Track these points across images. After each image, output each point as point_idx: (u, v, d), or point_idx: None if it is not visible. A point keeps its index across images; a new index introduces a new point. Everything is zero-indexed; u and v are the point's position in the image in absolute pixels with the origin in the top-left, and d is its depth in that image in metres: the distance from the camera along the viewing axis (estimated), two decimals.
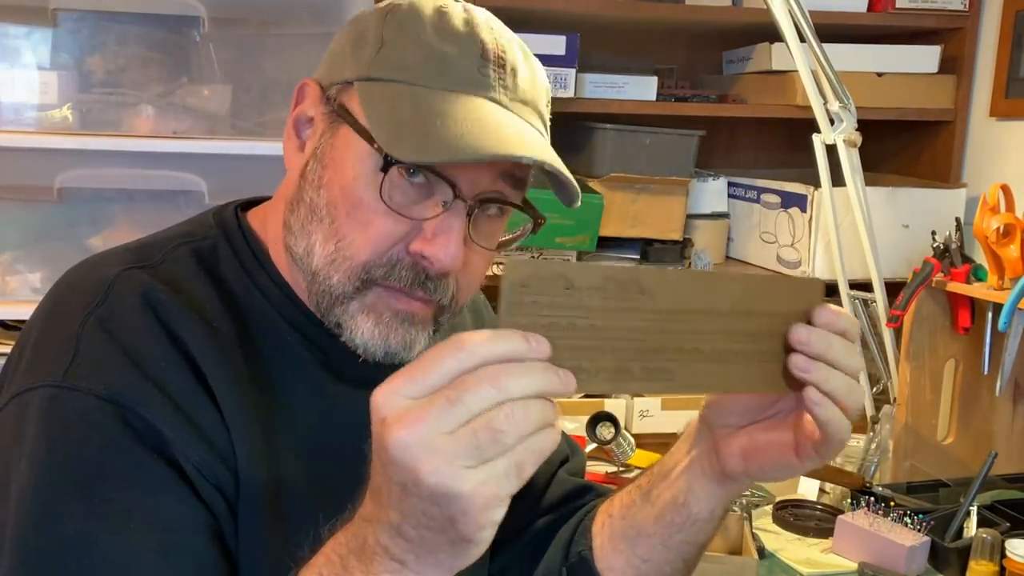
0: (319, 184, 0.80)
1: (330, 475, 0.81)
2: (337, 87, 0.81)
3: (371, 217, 0.77)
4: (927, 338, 1.72)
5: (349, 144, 0.79)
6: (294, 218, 0.81)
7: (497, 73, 0.81)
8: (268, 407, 0.80)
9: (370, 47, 0.79)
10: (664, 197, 2.03)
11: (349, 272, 0.78)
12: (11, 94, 1.79)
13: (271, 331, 0.83)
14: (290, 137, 0.84)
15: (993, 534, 1.37)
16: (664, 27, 2.21)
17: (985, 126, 2.08)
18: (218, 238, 0.86)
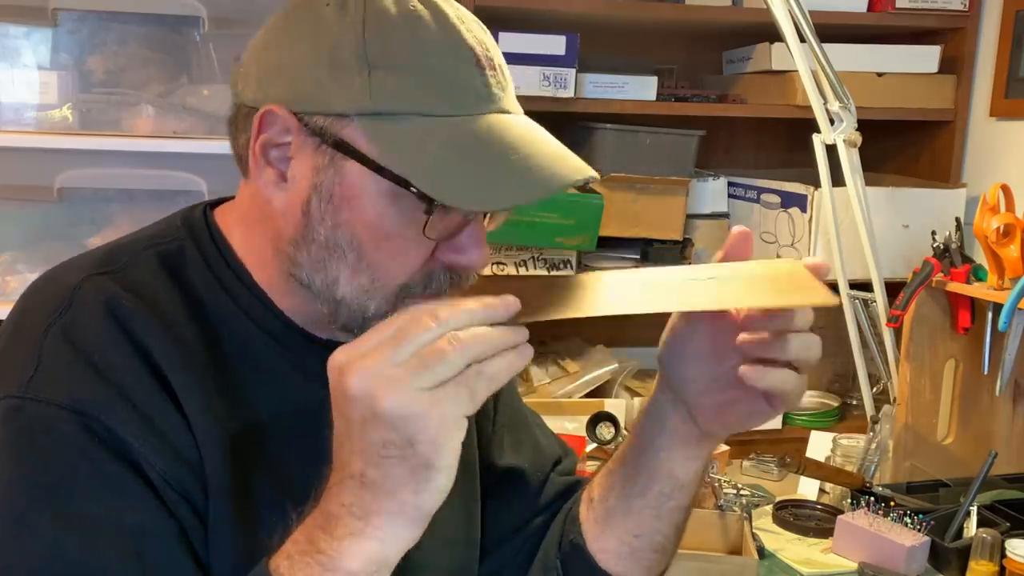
0: (335, 223, 0.77)
1: (303, 480, 0.79)
2: (325, 118, 0.76)
3: (404, 246, 0.78)
4: (927, 338, 1.72)
5: (362, 182, 0.76)
6: (302, 255, 0.79)
7: (495, 79, 0.80)
8: (236, 413, 0.79)
9: (355, 73, 0.74)
10: (664, 197, 2.03)
11: (386, 296, 0.79)
12: (11, 94, 1.79)
13: (238, 334, 0.82)
14: (260, 166, 0.78)
15: (993, 534, 1.37)
16: (664, 27, 2.21)
17: (985, 126, 2.08)
18: (185, 240, 0.84)
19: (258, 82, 0.79)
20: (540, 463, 1.05)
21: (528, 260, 1.94)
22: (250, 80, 0.79)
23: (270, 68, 0.78)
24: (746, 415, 0.81)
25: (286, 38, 0.78)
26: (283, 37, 0.79)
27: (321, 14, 0.77)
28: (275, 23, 0.80)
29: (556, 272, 1.96)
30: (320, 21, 0.77)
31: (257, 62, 0.80)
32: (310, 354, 0.82)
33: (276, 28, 0.80)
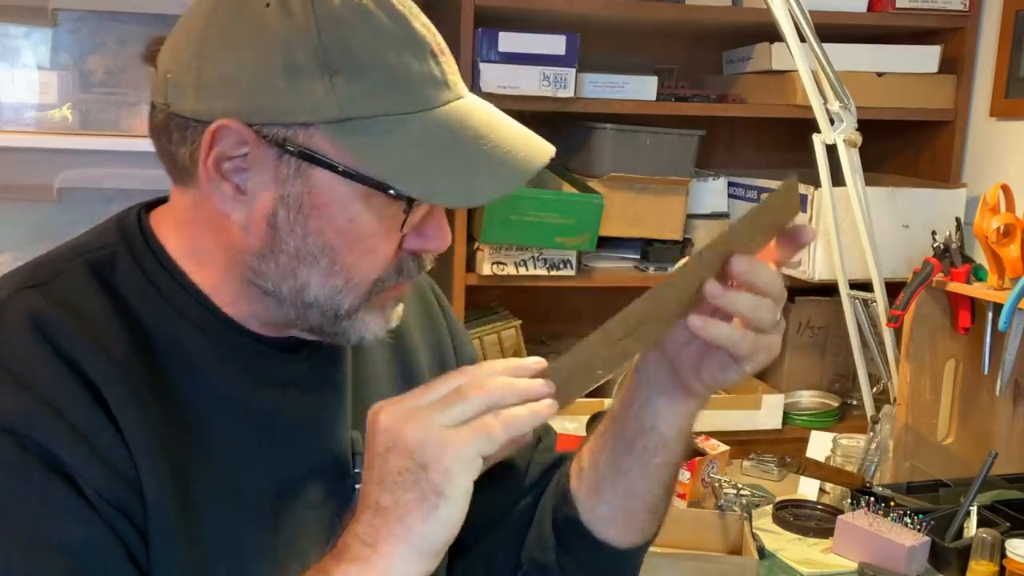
0: (305, 232, 0.76)
1: (254, 488, 0.80)
2: (286, 128, 0.73)
3: (376, 244, 0.77)
4: (927, 338, 1.72)
5: (333, 188, 0.74)
6: (269, 266, 0.77)
7: (448, 65, 0.78)
8: (175, 422, 0.77)
9: (315, 80, 0.72)
10: (664, 197, 2.02)
11: (361, 292, 0.79)
12: (11, 94, 1.79)
13: (176, 340, 0.79)
14: (214, 181, 0.75)
15: (993, 534, 1.37)
16: (664, 27, 2.21)
17: (985, 126, 2.08)
18: (117, 245, 0.81)
19: (197, 92, 0.74)
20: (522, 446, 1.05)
21: (528, 260, 1.94)
22: (185, 90, 0.75)
23: (212, 78, 0.74)
24: (718, 370, 0.82)
25: (223, 44, 0.74)
26: (219, 43, 0.74)
27: (261, 16, 0.73)
28: (198, 24, 0.76)
29: (555, 272, 1.96)
30: (262, 24, 0.73)
31: (189, 70, 0.75)
32: (257, 355, 0.81)
33: (204, 31, 0.75)
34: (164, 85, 0.76)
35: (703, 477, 1.63)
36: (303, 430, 0.83)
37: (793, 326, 2.22)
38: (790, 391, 2.19)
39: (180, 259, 0.81)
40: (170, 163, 0.79)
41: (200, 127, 0.74)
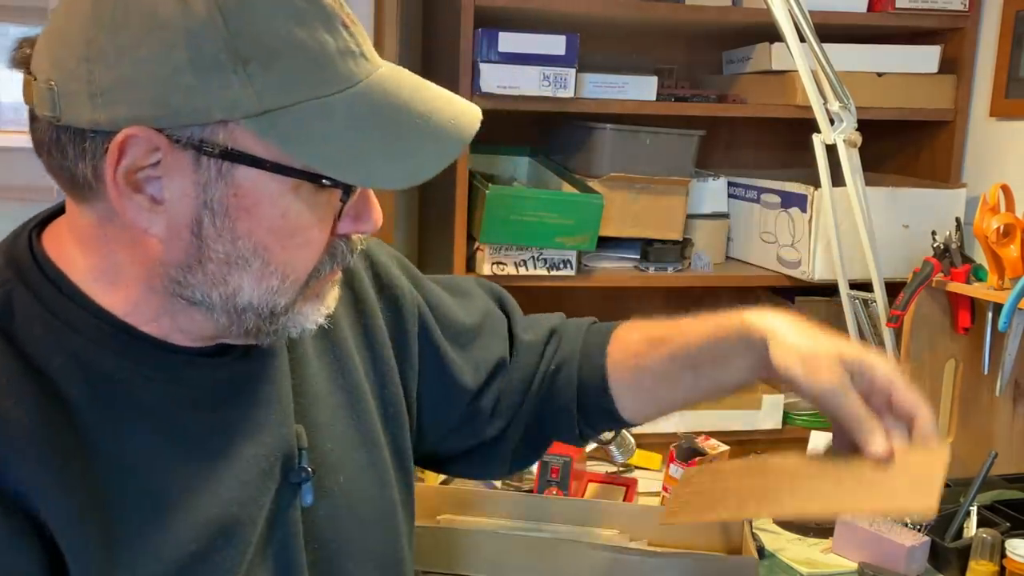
0: (234, 237, 0.71)
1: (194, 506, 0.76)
2: (202, 128, 0.68)
3: (309, 236, 0.74)
4: (927, 338, 1.72)
5: (260, 186, 0.70)
6: (195, 276, 0.72)
7: (360, 35, 0.73)
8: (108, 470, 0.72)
9: (228, 72, 0.66)
10: (664, 197, 2.02)
11: (296, 287, 0.75)
12: (11, 94, 1.79)
13: (98, 374, 0.73)
14: (126, 194, 0.69)
15: (993, 534, 1.37)
16: (664, 27, 2.21)
17: (985, 126, 2.08)
18: (11, 282, 0.74)
19: (92, 101, 0.67)
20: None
21: (528, 260, 1.94)
22: (76, 99, 0.68)
23: (108, 83, 0.67)
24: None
25: (115, 44, 0.67)
26: (110, 43, 0.67)
27: (153, 7, 0.66)
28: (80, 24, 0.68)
29: (555, 272, 1.96)
30: (157, 17, 0.66)
31: (77, 76, 0.68)
32: (186, 367, 0.78)
33: (88, 31, 0.67)
34: (48, 96, 0.69)
35: None
36: (245, 434, 0.81)
37: None
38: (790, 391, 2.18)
39: (86, 283, 0.75)
40: (66, 180, 0.72)
41: (100, 138, 0.68)
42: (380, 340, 0.97)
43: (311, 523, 0.86)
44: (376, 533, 0.94)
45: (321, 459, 0.88)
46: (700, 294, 2.46)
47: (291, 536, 0.84)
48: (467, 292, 1.11)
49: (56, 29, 0.71)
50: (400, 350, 0.99)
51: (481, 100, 1.82)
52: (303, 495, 0.84)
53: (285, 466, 0.84)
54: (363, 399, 0.94)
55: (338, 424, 0.91)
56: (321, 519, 0.87)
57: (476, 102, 0.77)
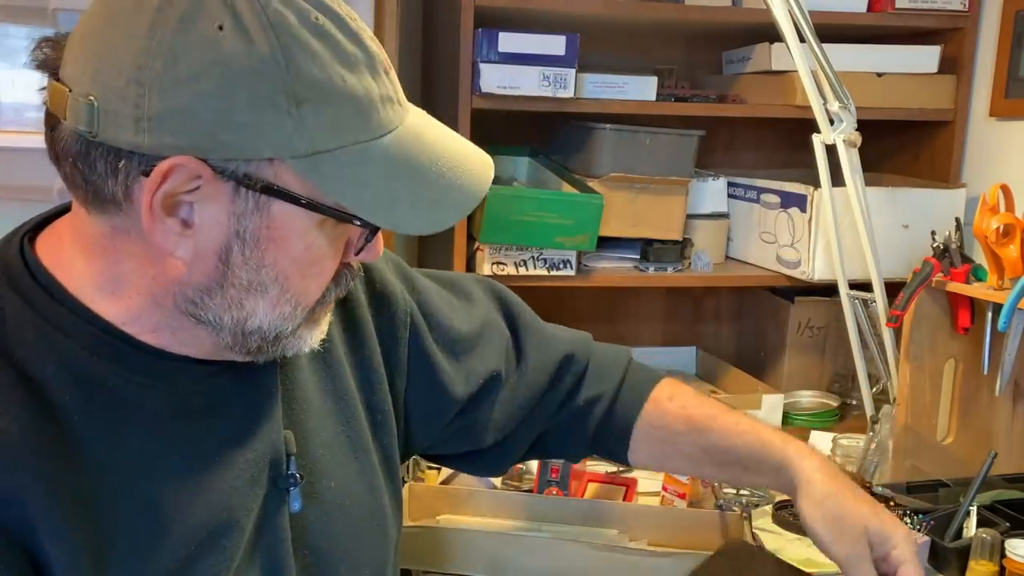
0: (259, 265, 0.73)
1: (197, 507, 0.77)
2: (247, 163, 0.69)
3: (326, 265, 0.77)
4: (927, 338, 1.72)
5: (293, 221, 0.72)
6: (214, 300, 0.74)
7: (396, 80, 0.76)
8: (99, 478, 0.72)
9: (283, 113, 0.67)
10: (664, 197, 2.02)
11: (304, 313, 0.78)
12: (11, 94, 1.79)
13: (90, 380, 0.73)
14: (158, 217, 0.70)
15: (993, 534, 1.37)
16: (664, 27, 2.21)
17: (985, 126, 2.08)
18: (3, 290, 0.74)
19: (138, 124, 0.67)
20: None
21: (528, 260, 1.94)
22: (120, 120, 0.67)
23: (159, 110, 0.67)
24: None
25: (173, 74, 0.66)
26: (167, 72, 0.66)
27: (216, 42, 0.66)
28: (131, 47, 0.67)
29: (555, 272, 1.96)
30: (220, 52, 0.66)
31: (125, 99, 0.67)
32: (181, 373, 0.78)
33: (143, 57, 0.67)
34: (87, 111, 0.68)
35: None
36: (235, 440, 0.81)
37: (792, 326, 2.22)
38: (790, 391, 2.19)
39: (84, 291, 0.75)
40: (87, 191, 0.72)
41: (137, 160, 0.68)
42: (369, 345, 0.97)
43: (301, 529, 0.86)
44: (367, 539, 0.94)
45: (311, 465, 0.88)
46: (700, 294, 2.47)
47: (279, 542, 0.84)
48: (468, 295, 1.10)
49: (99, 42, 0.70)
50: (388, 355, 0.99)
51: (481, 100, 1.82)
52: (291, 501, 0.85)
53: (273, 471, 0.84)
54: (352, 405, 0.94)
55: (328, 430, 0.91)
56: (311, 525, 0.87)
57: (476, 102, 0.78)
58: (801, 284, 2.02)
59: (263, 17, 0.67)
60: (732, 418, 1.07)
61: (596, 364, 1.12)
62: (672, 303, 2.44)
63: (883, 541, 0.99)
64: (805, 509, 1.00)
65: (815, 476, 1.00)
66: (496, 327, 1.09)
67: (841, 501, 0.99)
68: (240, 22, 0.67)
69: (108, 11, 0.71)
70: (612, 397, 1.10)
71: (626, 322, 2.39)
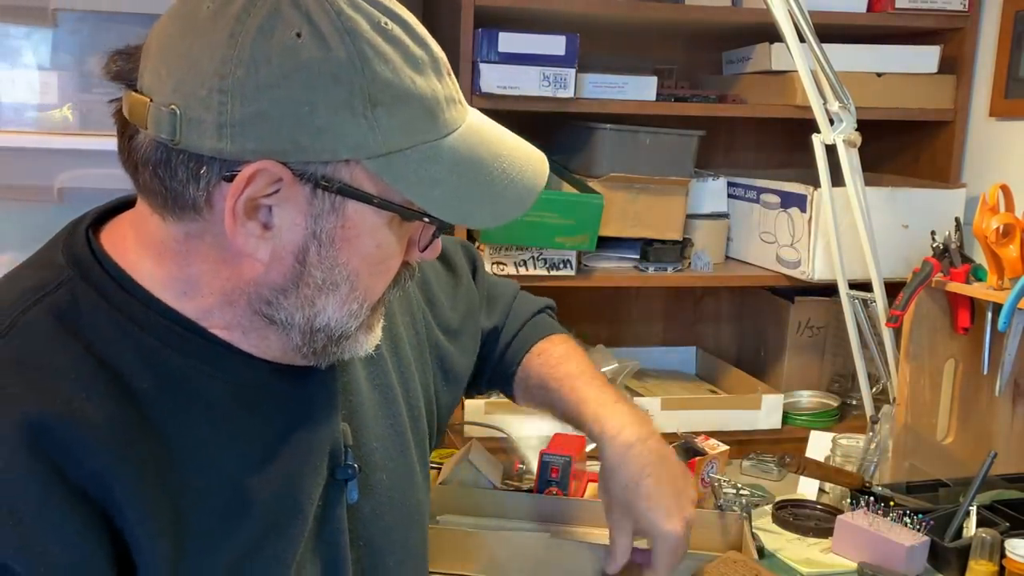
0: (333, 264, 0.75)
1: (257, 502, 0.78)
2: (325, 165, 0.71)
3: (393, 263, 0.80)
4: (927, 338, 1.72)
5: (365, 220, 0.74)
6: (290, 300, 0.76)
7: (455, 81, 0.79)
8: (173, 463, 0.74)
9: (359, 116, 0.70)
10: (664, 197, 2.03)
11: (368, 311, 0.80)
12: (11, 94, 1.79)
13: (162, 370, 0.75)
14: (240, 221, 0.72)
15: (993, 534, 1.37)
16: (664, 27, 2.21)
17: (985, 126, 2.08)
18: (74, 280, 0.75)
19: (220, 131, 0.69)
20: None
21: (528, 260, 1.94)
22: (203, 127, 0.69)
23: (241, 116, 0.69)
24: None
25: (255, 81, 0.69)
26: (249, 79, 0.69)
27: (295, 50, 0.69)
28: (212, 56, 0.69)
29: (555, 272, 1.96)
30: (299, 59, 0.69)
31: (209, 107, 0.69)
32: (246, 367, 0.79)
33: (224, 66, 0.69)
34: (169, 119, 0.70)
35: (703, 477, 1.63)
36: (298, 432, 0.83)
37: (793, 326, 2.22)
38: (789, 391, 2.19)
39: (157, 290, 0.76)
40: (165, 197, 0.74)
41: (218, 165, 0.70)
42: (401, 342, 1.01)
43: (356, 520, 0.89)
44: (412, 531, 0.97)
45: (366, 457, 0.90)
46: (700, 294, 2.47)
47: (339, 532, 0.86)
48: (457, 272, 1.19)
49: (178, 53, 0.71)
50: (415, 350, 1.04)
51: (481, 100, 1.82)
52: (349, 492, 0.87)
53: (332, 463, 0.86)
54: (395, 401, 0.97)
55: (379, 424, 0.94)
56: (365, 516, 0.90)
57: (476, 102, 0.79)
58: (801, 284, 2.02)
59: (338, 24, 0.70)
60: (570, 383, 1.17)
61: (511, 317, 1.25)
62: (672, 303, 2.44)
63: (644, 531, 1.10)
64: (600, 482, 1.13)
65: (614, 460, 1.11)
66: (474, 312, 1.19)
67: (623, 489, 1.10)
68: (317, 29, 0.69)
69: (184, 23, 0.72)
70: (506, 345, 1.23)
71: (626, 322, 2.39)
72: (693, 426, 1.85)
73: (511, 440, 1.70)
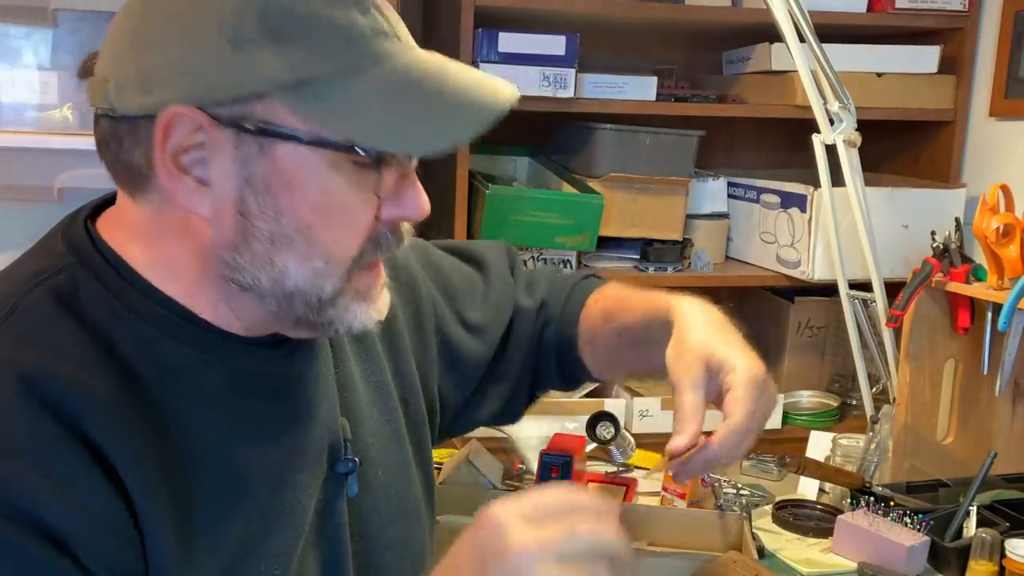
0: (277, 214, 0.72)
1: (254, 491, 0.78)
2: (240, 105, 0.70)
3: (353, 215, 0.75)
4: (927, 338, 1.72)
5: (299, 160, 0.72)
6: (244, 257, 0.74)
7: (390, 14, 0.76)
8: (173, 447, 0.74)
9: (263, 47, 0.69)
10: (664, 197, 2.03)
11: (341, 273, 0.76)
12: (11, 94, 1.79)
13: (160, 359, 0.75)
14: (175, 177, 0.72)
15: (993, 534, 1.37)
16: (664, 27, 2.21)
17: (985, 126, 2.08)
18: (74, 266, 0.76)
19: (142, 87, 0.71)
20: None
21: (528, 260, 1.94)
22: (129, 89, 0.71)
23: (155, 68, 0.71)
24: None
25: (163, 31, 0.71)
26: (158, 30, 0.71)
27: None
28: (132, 21, 0.73)
29: None
30: (201, 2, 0.71)
31: (129, 67, 0.71)
32: (242, 356, 0.79)
33: (139, 24, 0.72)
34: (103, 89, 0.73)
35: (703, 477, 1.63)
36: (296, 424, 0.83)
37: (793, 326, 2.22)
38: (790, 391, 2.19)
39: (148, 274, 0.76)
40: (123, 172, 0.75)
41: (147, 122, 0.71)
42: (401, 337, 1.00)
43: (355, 514, 0.89)
44: (410, 528, 0.97)
45: (363, 452, 0.90)
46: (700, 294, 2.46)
47: (339, 527, 0.86)
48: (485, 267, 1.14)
49: (112, 32, 0.75)
50: (417, 346, 1.02)
51: None
52: (349, 485, 0.87)
53: (332, 456, 0.86)
54: (391, 397, 0.97)
55: (374, 420, 0.94)
56: (364, 511, 0.90)
57: None
58: (801, 284, 2.02)
59: None
60: (637, 296, 1.08)
61: (551, 295, 1.16)
62: None
63: (719, 369, 0.93)
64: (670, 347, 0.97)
65: (690, 320, 0.98)
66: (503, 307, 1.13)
67: (697, 336, 0.95)
68: None
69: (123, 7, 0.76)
70: (559, 312, 1.13)
71: None
72: None
73: (511, 440, 1.70)
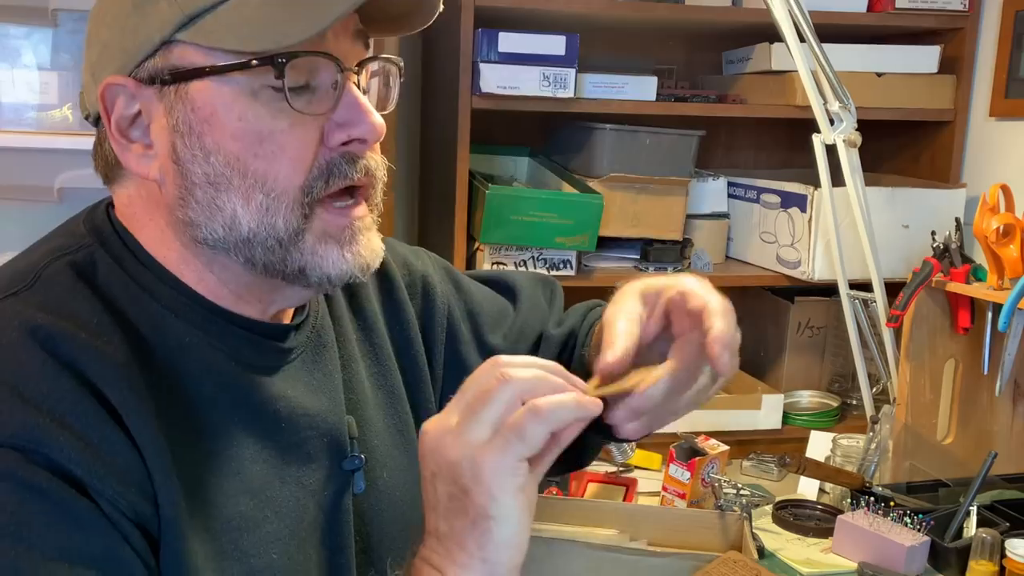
0: (204, 154, 0.74)
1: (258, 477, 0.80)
2: (151, 59, 0.74)
3: (282, 140, 0.74)
4: (927, 338, 1.72)
5: (211, 94, 0.73)
6: (193, 209, 0.75)
7: None
8: (179, 422, 0.75)
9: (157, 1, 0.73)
10: (664, 197, 2.03)
11: (290, 205, 0.75)
12: (11, 94, 1.79)
13: (170, 337, 0.77)
14: (123, 146, 0.76)
15: (993, 534, 1.37)
16: (664, 27, 2.21)
17: (985, 126, 2.08)
18: (94, 246, 0.79)
19: (94, 78, 0.77)
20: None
21: (528, 260, 1.94)
22: (89, 87, 0.79)
23: (97, 59, 0.78)
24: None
25: (97, 23, 0.78)
26: (96, 26, 0.79)
27: None
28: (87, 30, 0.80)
29: (555, 272, 1.96)
30: None
31: (86, 70, 0.80)
32: (249, 344, 0.81)
33: (89, 29, 0.80)
34: (82, 99, 0.80)
35: (703, 477, 1.63)
36: (300, 417, 0.84)
37: (793, 326, 2.22)
38: (790, 391, 2.19)
39: (158, 254, 0.79)
40: (103, 166, 0.81)
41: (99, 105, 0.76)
42: (415, 347, 1.01)
43: (360, 512, 0.89)
44: (412, 529, 0.96)
45: (368, 452, 0.91)
46: None
47: (344, 523, 0.87)
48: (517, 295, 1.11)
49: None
50: (430, 355, 1.03)
51: (481, 100, 1.82)
52: (356, 482, 0.87)
53: (337, 453, 0.86)
54: (401, 402, 0.97)
55: (380, 422, 0.94)
56: (366, 511, 0.90)
57: (476, 102, 0.76)
58: (801, 284, 2.02)
59: None
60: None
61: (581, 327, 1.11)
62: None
63: (658, 293, 0.85)
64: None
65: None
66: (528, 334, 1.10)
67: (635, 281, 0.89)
68: None
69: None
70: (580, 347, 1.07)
71: None
72: (693, 426, 1.85)
73: None
